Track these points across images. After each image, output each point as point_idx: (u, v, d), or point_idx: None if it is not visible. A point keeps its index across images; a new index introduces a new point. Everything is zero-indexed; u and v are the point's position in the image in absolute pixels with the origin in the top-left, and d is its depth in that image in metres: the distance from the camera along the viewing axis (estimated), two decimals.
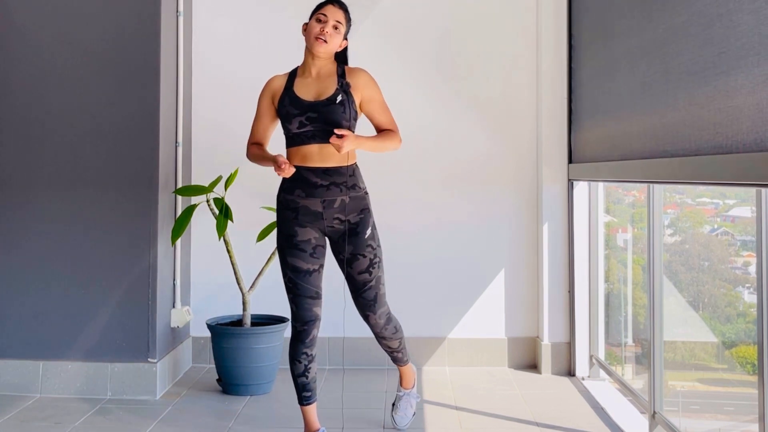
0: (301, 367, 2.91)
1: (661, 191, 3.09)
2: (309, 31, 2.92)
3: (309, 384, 2.93)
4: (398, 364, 3.23)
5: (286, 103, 2.92)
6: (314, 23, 2.91)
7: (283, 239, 2.93)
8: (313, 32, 2.89)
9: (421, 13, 4.29)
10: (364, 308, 2.98)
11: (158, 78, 3.71)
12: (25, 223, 3.70)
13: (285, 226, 2.94)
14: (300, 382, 2.93)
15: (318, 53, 2.90)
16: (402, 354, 3.18)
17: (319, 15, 2.92)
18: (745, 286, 2.79)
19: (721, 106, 2.16)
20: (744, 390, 2.79)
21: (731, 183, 2.12)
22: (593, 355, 4.04)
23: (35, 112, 3.71)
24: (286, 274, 2.92)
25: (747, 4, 2.02)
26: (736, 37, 2.08)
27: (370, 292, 2.95)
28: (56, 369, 3.65)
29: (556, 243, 4.15)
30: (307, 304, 2.90)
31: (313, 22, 2.92)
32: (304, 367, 2.91)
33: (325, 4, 2.95)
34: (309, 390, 2.94)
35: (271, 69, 4.27)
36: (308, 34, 2.92)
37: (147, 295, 3.67)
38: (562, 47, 4.15)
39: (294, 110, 2.89)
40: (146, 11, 3.71)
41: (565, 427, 3.29)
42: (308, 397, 2.95)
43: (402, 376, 3.28)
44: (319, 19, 2.90)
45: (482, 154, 4.28)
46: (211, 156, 4.23)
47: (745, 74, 2.01)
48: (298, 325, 2.91)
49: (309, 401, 2.95)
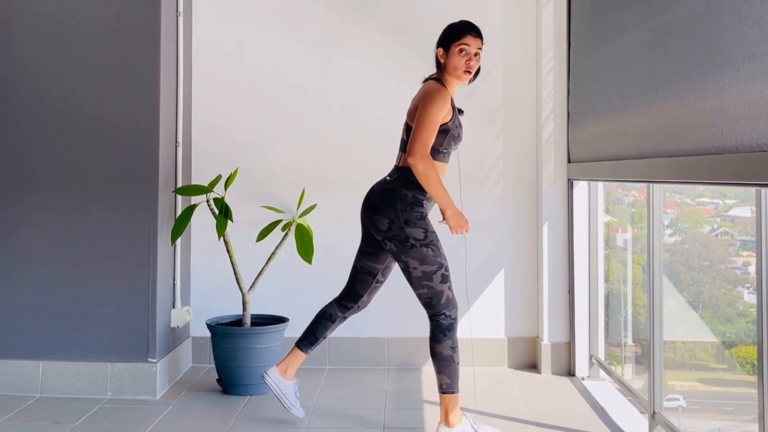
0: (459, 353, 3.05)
1: (661, 191, 3.09)
2: (452, 62, 3.05)
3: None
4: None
5: (458, 123, 3.08)
6: (458, 55, 3.04)
7: (433, 235, 3.02)
8: (459, 66, 3.04)
9: (420, 13, 4.29)
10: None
11: (158, 78, 3.71)
12: (25, 223, 3.70)
13: (429, 224, 3.04)
14: (459, 368, 3.05)
15: (463, 83, 3.10)
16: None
17: (462, 46, 3.05)
18: (745, 286, 2.79)
19: (712, 106, 2.16)
20: (744, 390, 2.79)
21: (731, 183, 2.12)
22: (593, 355, 4.04)
23: (35, 112, 3.71)
24: (442, 265, 3.02)
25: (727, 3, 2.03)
26: (719, 36, 2.08)
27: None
28: (56, 369, 3.65)
29: (556, 243, 4.15)
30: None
31: (456, 53, 3.04)
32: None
33: (465, 32, 3.08)
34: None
35: (271, 69, 4.30)
36: (452, 65, 3.05)
37: (147, 295, 3.67)
38: (561, 47, 4.15)
39: (461, 133, 3.11)
40: (146, 11, 3.71)
41: (565, 427, 3.29)
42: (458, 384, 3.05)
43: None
44: (462, 50, 3.04)
45: (482, 154, 4.28)
46: (211, 156, 4.23)
47: (732, 74, 2.01)
48: (454, 312, 3.04)
49: (457, 389, 3.04)
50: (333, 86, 4.27)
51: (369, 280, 3.22)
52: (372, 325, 4.21)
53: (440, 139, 3.02)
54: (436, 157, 3.02)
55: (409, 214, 2.99)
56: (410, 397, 3.71)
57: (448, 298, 3.02)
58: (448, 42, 3.08)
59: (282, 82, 4.28)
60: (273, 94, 4.28)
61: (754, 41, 1.88)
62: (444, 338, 3.00)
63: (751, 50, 1.90)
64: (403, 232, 2.98)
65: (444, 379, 3.02)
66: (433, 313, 3.02)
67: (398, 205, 2.99)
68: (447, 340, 3.00)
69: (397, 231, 2.99)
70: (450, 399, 3.03)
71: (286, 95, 4.28)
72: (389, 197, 3.03)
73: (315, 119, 4.26)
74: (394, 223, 2.99)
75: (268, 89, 4.28)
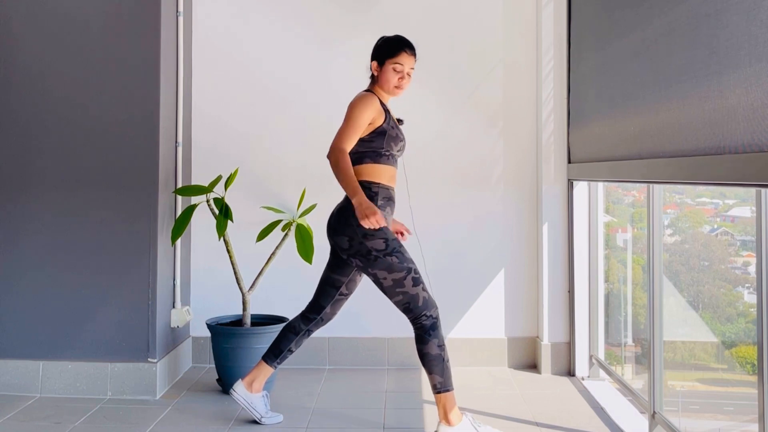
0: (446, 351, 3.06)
1: (661, 191, 3.09)
2: (386, 78, 3.12)
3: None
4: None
5: (393, 125, 3.12)
6: (392, 72, 3.12)
7: (394, 242, 3.03)
8: (392, 82, 3.12)
9: (420, 14, 4.29)
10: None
11: (158, 78, 3.71)
12: (25, 223, 3.70)
13: (389, 232, 3.04)
14: (449, 365, 3.05)
15: (394, 97, 3.18)
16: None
17: (396, 64, 3.12)
18: (745, 286, 2.79)
19: (715, 106, 2.16)
20: (744, 390, 2.79)
21: (731, 183, 2.12)
22: (593, 355, 4.04)
23: (35, 112, 3.71)
24: (411, 269, 3.02)
25: (735, 4, 2.03)
26: (726, 37, 2.08)
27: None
28: (56, 369, 3.65)
29: (556, 243, 4.15)
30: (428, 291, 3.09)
31: (390, 70, 3.12)
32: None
33: (400, 50, 3.13)
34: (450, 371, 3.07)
35: (271, 69, 4.30)
36: (385, 80, 3.13)
37: (147, 295, 3.67)
38: (561, 47, 4.15)
39: (401, 134, 3.15)
40: (146, 11, 3.71)
41: (565, 427, 3.29)
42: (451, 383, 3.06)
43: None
44: (395, 69, 3.11)
45: (482, 154, 4.28)
46: (211, 156, 4.23)
47: (738, 74, 2.01)
48: (434, 311, 3.04)
49: (451, 387, 3.06)
50: (333, 86, 4.27)
51: (332, 293, 3.23)
52: (372, 325, 4.21)
53: (379, 141, 3.06)
54: (379, 161, 3.07)
55: (364, 228, 2.98)
56: (410, 397, 3.71)
57: (425, 299, 3.02)
58: (383, 57, 3.14)
59: (282, 82, 4.28)
60: (273, 94, 4.28)
61: (761, 41, 1.88)
62: (429, 338, 3.01)
63: (758, 50, 1.89)
64: (364, 246, 2.99)
65: (436, 378, 3.03)
66: (413, 317, 3.03)
67: (352, 221, 3.00)
68: (433, 339, 3.01)
69: (358, 246, 3.00)
70: (446, 397, 3.04)
71: (286, 95, 4.28)
72: (344, 215, 3.05)
73: (315, 119, 4.26)
74: (354, 240, 3.01)
75: (268, 89, 4.28)
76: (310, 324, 3.27)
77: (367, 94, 3.11)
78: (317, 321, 3.26)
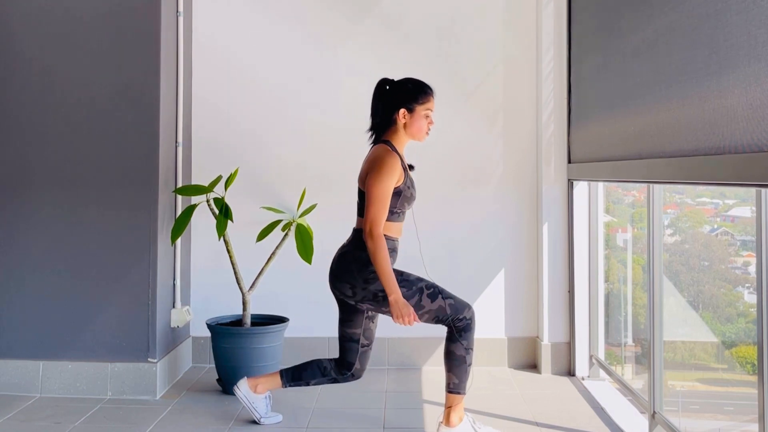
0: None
1: (661, 191, 3.09)
2: (418, 126, 3.04)
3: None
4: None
5: (410, 184, 3.06)
6: (423, 119, 3.04)
7: (396, 275, 2.97)
8: (423, 128, 3.05)
9: (421, 13, 4.29)
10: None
11: (158, 78, 3.71)
12: (25, 223, 3.70)
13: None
14: (470, 370, 3.05)
15: (418, 141, 3.10)
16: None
17: (428, 111, 3.05)
18: (745, 286, 2.79)
19: (715, 106, 2.16)
20: (744, 390, 2.79)
21: (731, 183, 2.12)
22: (593, 355, 4.04)
23: (35, 111, 3.71)
24: (421, 289, 2.99)
25: (734, 4, 2.03)
26: (726, 37, 2.08)
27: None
28: (56, 369, 3.65)
29: (556, 243, 4.15)
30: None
31: (422, 117, 3.04)
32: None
33: (430, 96, 3.06)
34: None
35: (271, 69, 4.29)
36: (417, 128, 3.04)
37: (147, 295, 3.67)
38: (561, 47, 4.15)
39: (414, 191, 3.09)
40: (146, 11, 3.71)
41: (565, 427, 3.29)
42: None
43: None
44: (427, 115, 3.06)
45: (482, 154, 4.28)
46: (211, 156, 4.23)
47: (738, 74, 2.01)
48: (467, 312, 3.02)
49: (464, 391, 3.06)
50: (334, 86, 4.27)
51: (354, 347, 3.16)
52: None
53: (393, 201, 2.97)
54: (390, 218, 2.99)
55: (364, 273, 2.96)
56: (410, 397, 3.71)
57: (452, 305, 3.00)
58: (413, 103, 3.03)
59: (282, 82, 4.28)
60: (273, 94, 4.28)
61: (760, 42, 1.88)
62: (459, 339, 3.00)
63: (757, 51, 1.90)
64: (369, 291, 2.98)
65: (453, 378, 3.02)
66: (448, 324, 3.02)
67: (353, 267, 2.98)
68: (462, 341, 3.00)
69: (363, 292, 2.99)
70: (455, 399, 3.04)
71: (286, 95, 4.28)
72: (344, 262, 3.02)
73: (315, 119, 4.26)
74: (357, 286, 2.99)
75: (268, 89, 4.28)
76: (340, 377, 3.20)
77: (390, 154, 2.97)
78: (348, 377, 3.20)
